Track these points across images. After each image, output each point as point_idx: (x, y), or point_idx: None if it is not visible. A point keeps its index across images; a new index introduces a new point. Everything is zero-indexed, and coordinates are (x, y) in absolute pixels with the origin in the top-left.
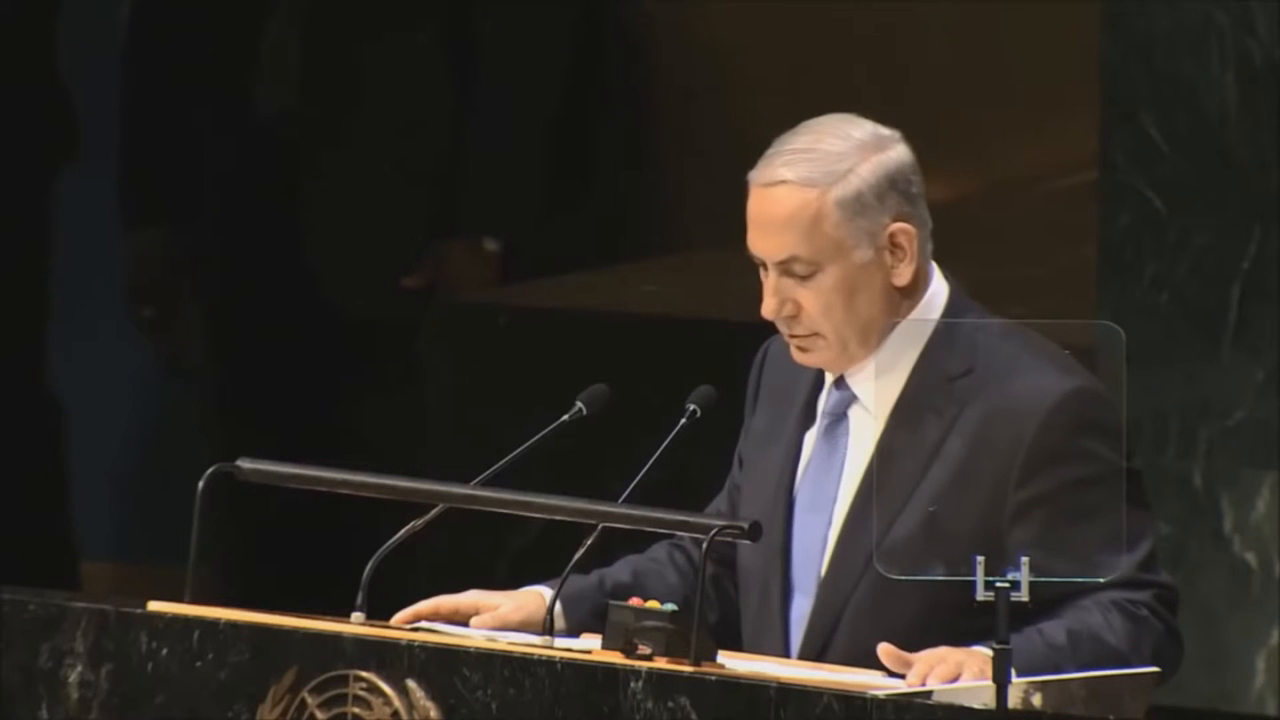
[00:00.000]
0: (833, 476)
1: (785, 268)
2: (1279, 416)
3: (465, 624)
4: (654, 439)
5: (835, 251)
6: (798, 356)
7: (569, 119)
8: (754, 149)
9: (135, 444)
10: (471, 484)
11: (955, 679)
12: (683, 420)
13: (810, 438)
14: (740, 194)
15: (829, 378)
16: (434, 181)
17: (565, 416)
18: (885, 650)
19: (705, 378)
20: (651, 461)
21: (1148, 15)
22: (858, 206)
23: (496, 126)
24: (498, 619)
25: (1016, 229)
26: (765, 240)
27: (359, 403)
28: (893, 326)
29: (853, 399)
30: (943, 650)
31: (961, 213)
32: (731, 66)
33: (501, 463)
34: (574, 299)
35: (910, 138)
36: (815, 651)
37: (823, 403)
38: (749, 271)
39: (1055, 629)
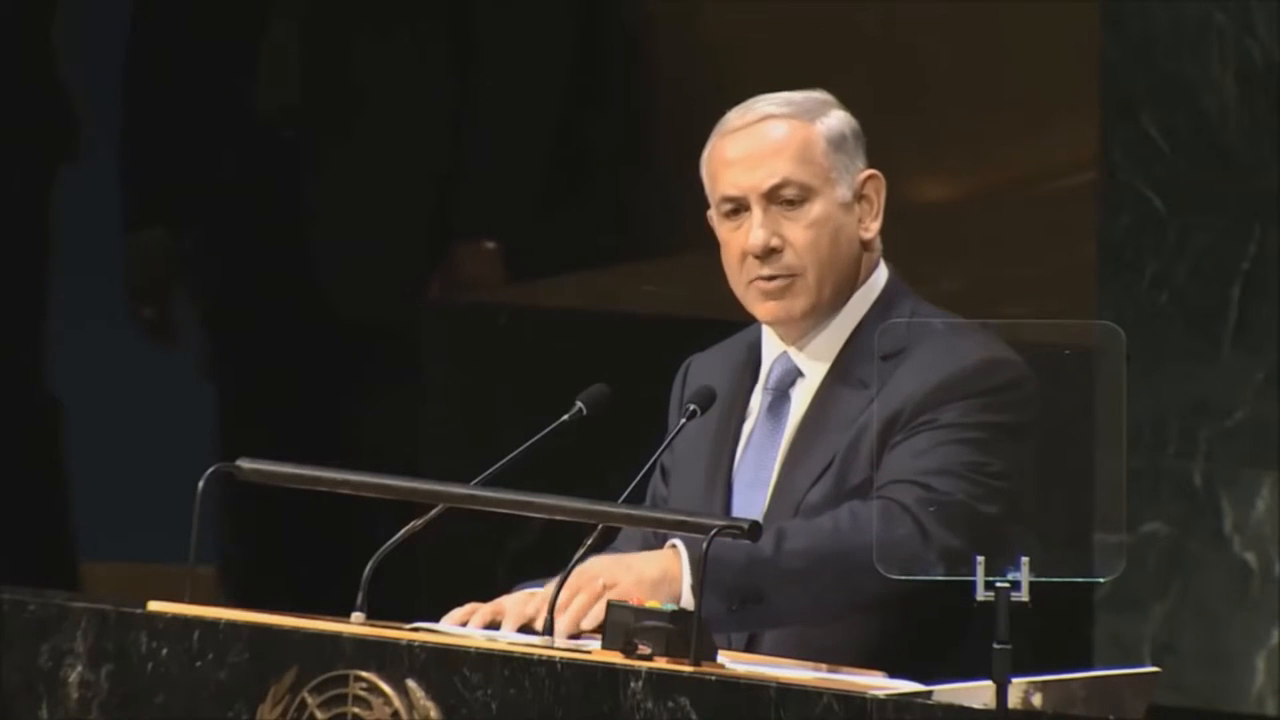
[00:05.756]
0: (772, 452)
1: (775, 195)
2: (1279, 416)
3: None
4: (654, 439)
5: (823, 181)
6: (765, 307)
7: (569, 119)
8: None
9: (135, 444)
10: (471, 484)
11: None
12: (683, 420)
13: (750, 424)
14: None
15: (767, 359)
16: (434, 182)
17: (565, 416)
18: None
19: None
20: (652, 461)
21: (1148, 15)
22: (840, 140)
23: (497, 127)
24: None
25: (1016, 229)
26: (755, 171)
27: (359, 403)
28: (852, 293)
29: (797, 374)
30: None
31: (962, 213)
32: (731, 66)
33: (501, 463)
34: (574, 299)
35: (910, 138)
36: None
37: (764, 379)
38: None
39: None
